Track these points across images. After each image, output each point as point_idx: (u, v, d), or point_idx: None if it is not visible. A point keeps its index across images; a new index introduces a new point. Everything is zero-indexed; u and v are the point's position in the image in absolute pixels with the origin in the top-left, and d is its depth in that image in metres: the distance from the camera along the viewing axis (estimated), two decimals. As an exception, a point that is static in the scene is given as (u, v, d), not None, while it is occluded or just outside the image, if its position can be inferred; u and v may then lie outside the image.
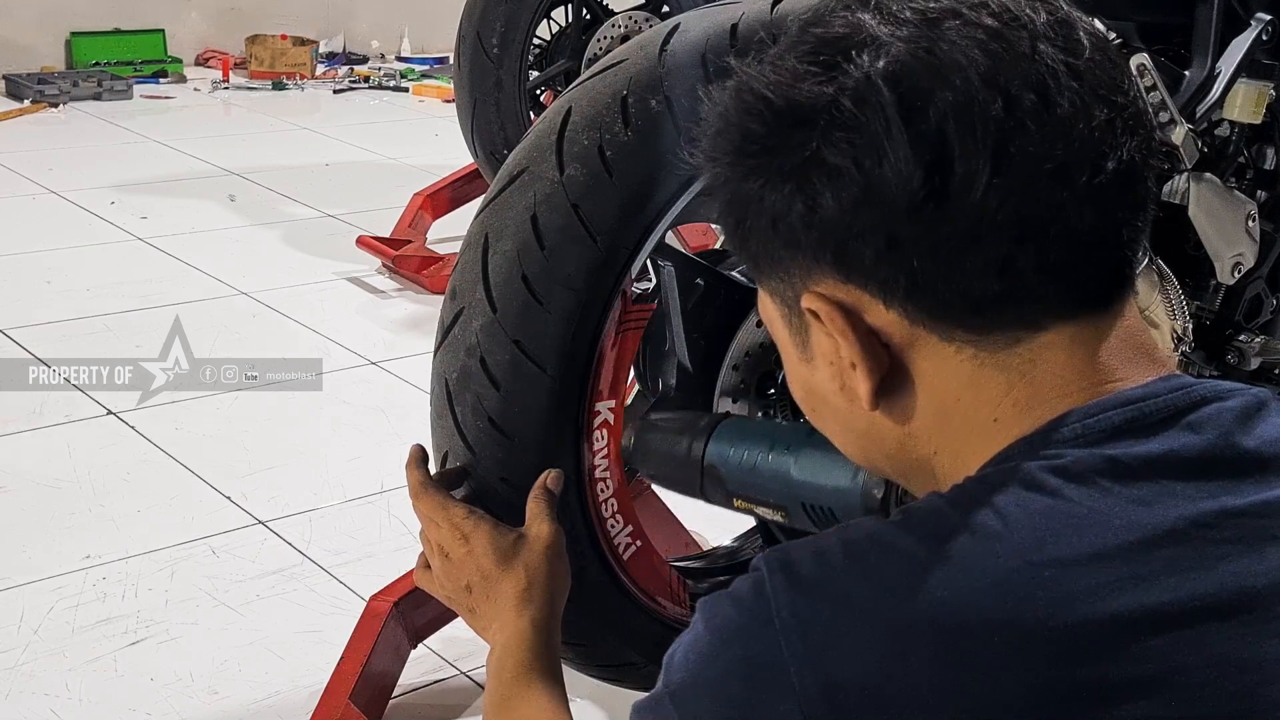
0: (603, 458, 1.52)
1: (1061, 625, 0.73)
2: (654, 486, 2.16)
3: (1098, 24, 0.82)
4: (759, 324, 1.62)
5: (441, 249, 3.86)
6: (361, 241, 3.84)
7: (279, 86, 6.28)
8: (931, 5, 0.80)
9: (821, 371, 0.87)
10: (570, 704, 1.27)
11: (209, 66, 6.53)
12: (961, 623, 0.73)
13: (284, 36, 6.50)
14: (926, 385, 0.83)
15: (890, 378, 0.84)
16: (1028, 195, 0.77)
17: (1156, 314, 1.71)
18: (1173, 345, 1.74)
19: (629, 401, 1.62)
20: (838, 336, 0.83)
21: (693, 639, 0.82)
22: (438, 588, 1.38)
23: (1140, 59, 1.71)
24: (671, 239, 1.62)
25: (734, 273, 1.66)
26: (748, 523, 1.88)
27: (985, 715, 0.73)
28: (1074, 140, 0.78)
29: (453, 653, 2.05)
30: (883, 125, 0.77)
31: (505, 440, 1.45)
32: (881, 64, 0.78)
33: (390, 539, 2.36)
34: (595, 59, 3.83)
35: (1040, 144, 0.77)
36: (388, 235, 3.90)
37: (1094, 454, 0.78)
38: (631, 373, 1.60)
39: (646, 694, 0.85)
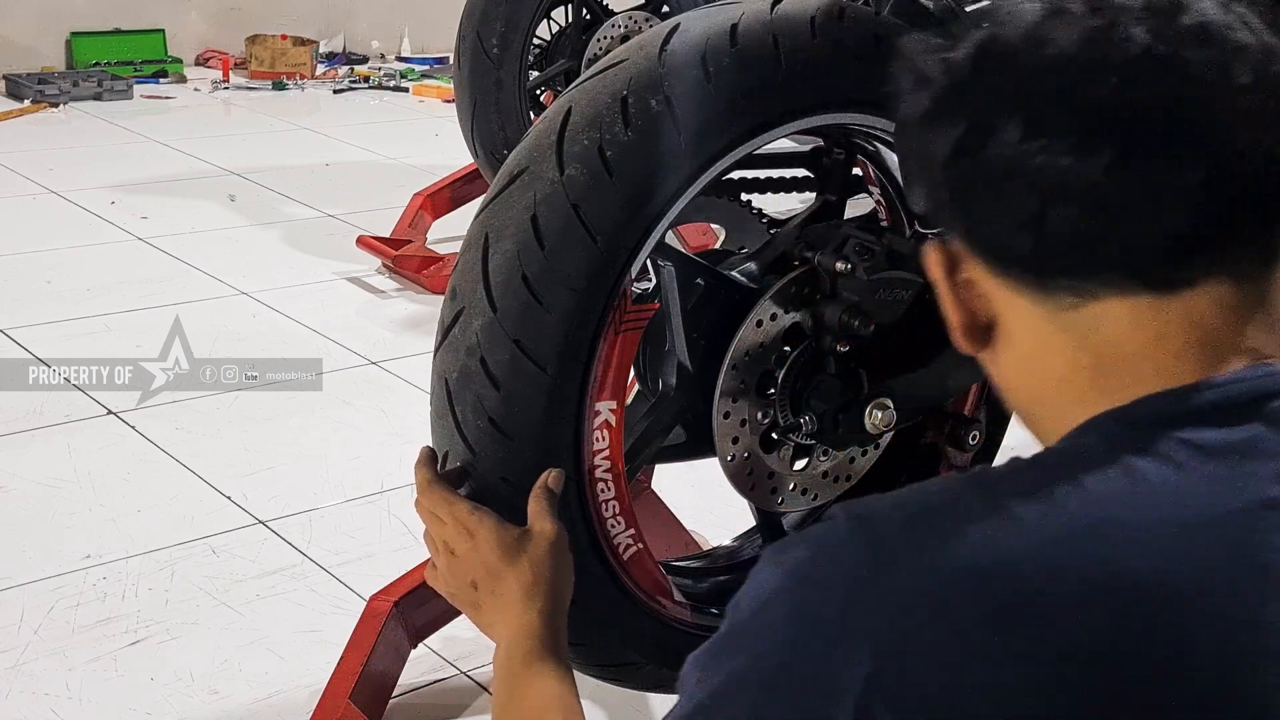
0: (603, 458, 1.52)
1: (1117, 583, 0.75)
2: (653, 486, 2.16)
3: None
4: (759, 324, 1.62)
5: (441, 249, 3.86)
6: (361, 241, 3.84)
7: (279, 86, 6.28)
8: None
9: (950, 324, 0.94)
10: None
11: (209, 66, 6.53)
12: (1023, 575, 0.76)
13: (284, 36, 6.50)
14: (1012, 336, 0.88)
15: (990, 330, 0.90)
16: (1051, 162, 0.80)
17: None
18: None
19: (629, 401, 1.62)
20: (934, 280, 0.91)
21: (761, 580, 0.84)
22: (443, 585, 1.38)
23: None
24: (671, 239, 1.62)
25: (734, 273, 1.66)
26: (748, 522, 1.88)
27: (1040, 666, 0.74)
28: (1115, 114, 0.79)
29: (453, 653, 2.05)
30: (945, 92, 0.85)
31: (505, 440, 1.45)
32: (974, 42, 0.85)
33: (390, 539, 2.36)
34: (595, 59, 3.83)
35: (1074, 115, 0.80)
36: (388, 235, 3.90)
37: (1170, 435, 0.79)
38: (631, 373, 1.60)
39: (705, 642, 0.86)
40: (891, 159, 1.71)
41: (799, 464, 1.74)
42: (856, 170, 1.80)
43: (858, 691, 0.76)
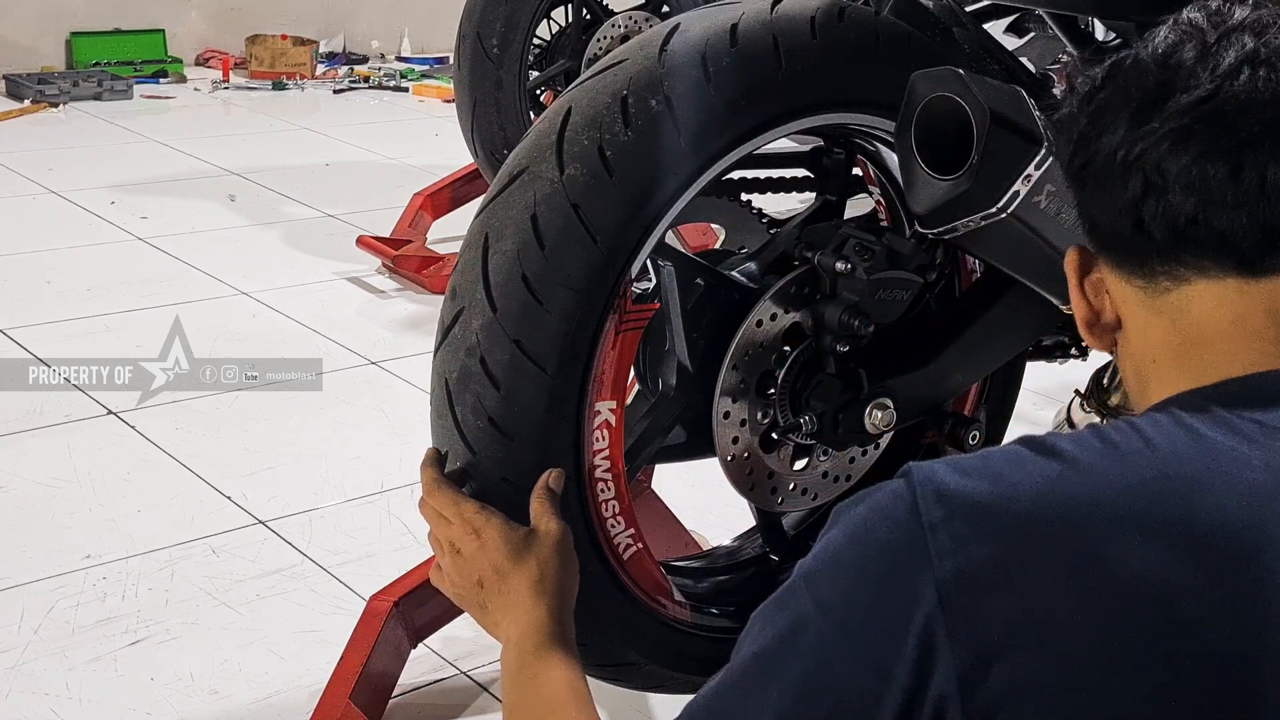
0: (603, 458, 1.52)
1: (1186, 527, 0.79)
2: (653, 486, 2.16)
3: None
4: (759, 324, 1.62)
5: (441, 249, 3.86)
6: (361, 241, 3.84)
7: (279, 86, 6.28)
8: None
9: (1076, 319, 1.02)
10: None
11: (209, 66, 6.53)
12: (1092, 517, 0.80)
13: (284, 36, 6.50)
14: (1126, 325, 0.96)
15: (1118, 326, 0.97)
16: (1152, 150, 0.88)
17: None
18: None
19: (629, 401, 1.62)
20: (1068, 279, 0.99)
21: (829, 534, 0.89)
22: (448, 585, 1.39)
23: None
24: (671, 239, 1.62)
25: (734, 273, 1.66)
26: (748, 522, 1.88)
27: (1110, 604, 0.78)
28: (1215, 108, 0.87)
29: (453, 653, 2.06)
30: (1080, 97, 0.94)
31: (505, 440, 1.45)
32: (1127, 53, 0.93)
33: (390, 539, 2.36)
34: (595, 59, 3.83)
35: (1176, 107, 0.87)
36: (388, 235, 3.90)
37: (1241, 414, 0.85)
38: (631, 373, 1.60)
39: (774, 593, 0.90)
40: (891, 159, 1.71)
41: (799, 464, 1.74)
42: (856, 170, 1.80)
43: (919, 629, 0.80)
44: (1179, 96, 0.87)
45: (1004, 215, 1.50)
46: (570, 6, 4.05)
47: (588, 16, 4.04)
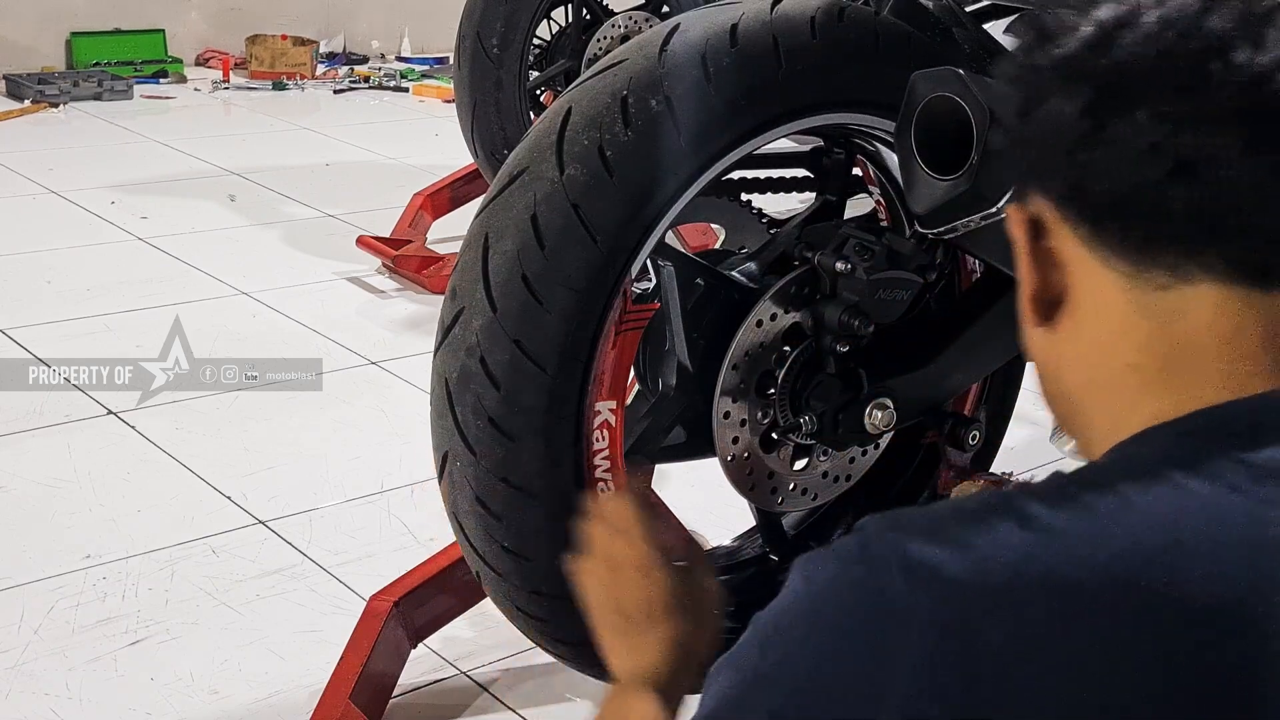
0: (603, 458, 1.52)
1: (1173, 595, 0.73)
2: (654, 486, 2.16)
3: None
4: (759, 324, 1.62)
5: (441, 249, 3.86)
6: (361, 241, 3.84)
7: (279, 86, 6.27)
8: None
9: (1021, 295, 0.91)
10: (569, 703, 1.25)
11: (209, 66, 6.53)
12: (1075, 588, 0.74)
13: (284, 37, 6.50)
14: (1085, 313, 0.86)
15: (1061, 303, 0.87)
16: (1191, 134, 0.79)
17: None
18: None
19: (629, 401, 1.62)
20: (1016, 241, 0.88)
21: (789, 591, 0.81)
22: (593, 593, 1.25)
23: None
24: (671, 239, 1.62)
25: (734, 273, 1.66)
26: (748, 522, 1.88)
27: (1091, 680, 0.73)
28: (1264, 96, 0.79)
29: (453, 653, 2.05)
30: (1083, 47, 0.83)
31: (505, 440, 1.45)
32: (1123, 8, 0.83)
33: (390, 539, 2.36)
34: (595, 59, 3.83)
35: (1226, 91, 0.79)
36: (388, 235, 3.90)
37: (1225, 454, 0.78)
38: (631, 373, 1.60)
39: (727, 652, 0.84)
40: (891, 159, 1.71)
41: (799, 464, 1.74)
42: (856, 170, 1.80)
43: (896, 698, 0.74)
44: (1226, 74, 0.79)
45: (1004, 215, 1.50)
46: (570, 6, 4.05)
47: (588, 16, 4.04)
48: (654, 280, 1.55)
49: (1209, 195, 0.79)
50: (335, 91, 6.35)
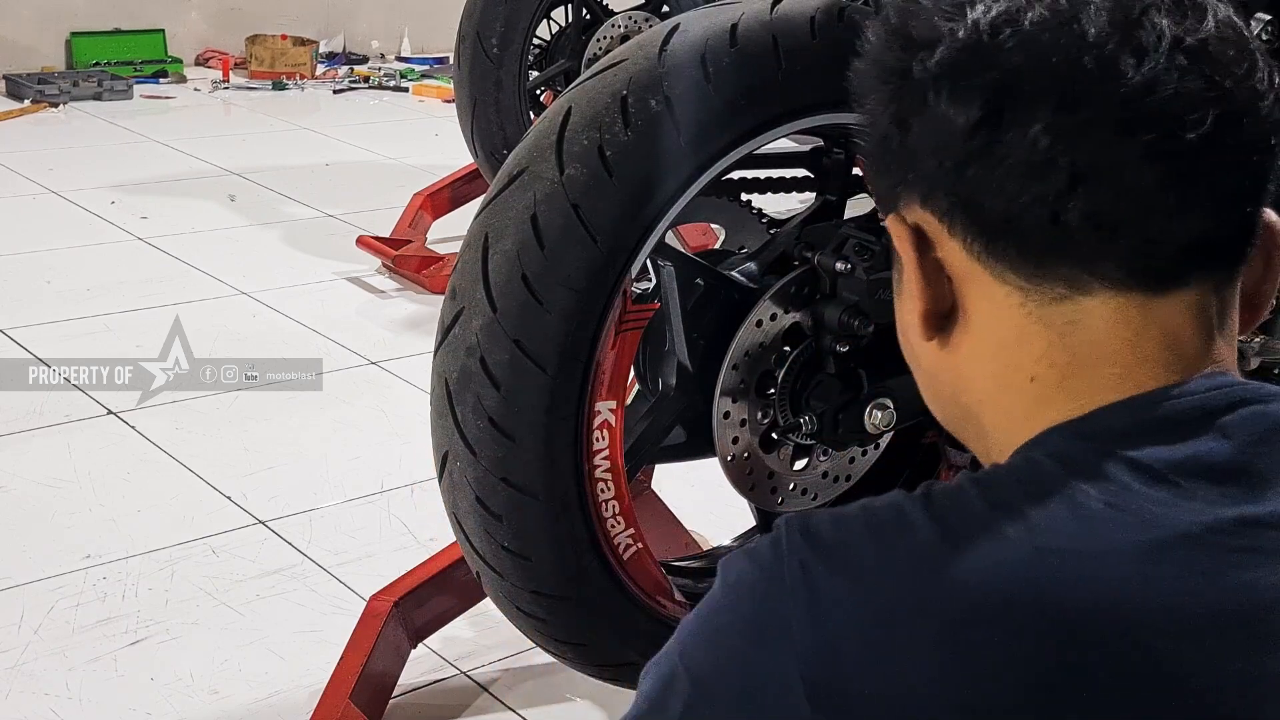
0: (603, 458, 1.52)
1: (1062, 609, 0.73)
2: (653, 486, 2.16)
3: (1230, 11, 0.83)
4: (759, 324, 1.62)
5: (441, 249, 3.86)
6: (361, 241, 3.84)
7: (279, 86, 6.27)
8: None
9: (904, 305, 0.89)
10: (570, 703, 1.26)
11: (209, 66, 6.53)
12: (963, 606, 0.74)
13: (284, 36, 6.50)
14: (979, 327, 0.85)
15: (952, 315, 0.86)
16: (1086, 143, 0.78)
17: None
18: None
19: (629, 401, 1.62)
20: (903, 254, 0.85)
21: (709, 594, 0.83)
22: None
23: None
24: (671, 239, 1.62)
25: (734, 273, 1.66)
26: (748, 522, 1.88)
27: (981, 700, 0.73)
28: (1154, 102, 0.77)
29: (453, 653, 2.05)
30: (963, 58, 0.80)
31: (505, 440, 1.45)
32: (995, 10, 0.81)
33: (390, 539, 2.36)
34: (595, 59, 3.83)
35: (1115, 98, 0.77)
36: (388, 235, 3.90)
37: (1118, 455, 0.78)
38: (631, 373, 1.60)
39: (659, 653, 0.85)
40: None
41: (799, 464, 1.74)
42: (856, 170, 1.80)
43: (792, 712, 0.75)
44: (1113, 83, 0.77)
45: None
46: (570, 6, 4.05)
47: (588, 16, 4.04)
48: (654, 280, 1.55)
49: (1107, 206, 0.78)
50: (335, 91, 6.35)
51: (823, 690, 0.75)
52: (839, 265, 1.61)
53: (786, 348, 1.65)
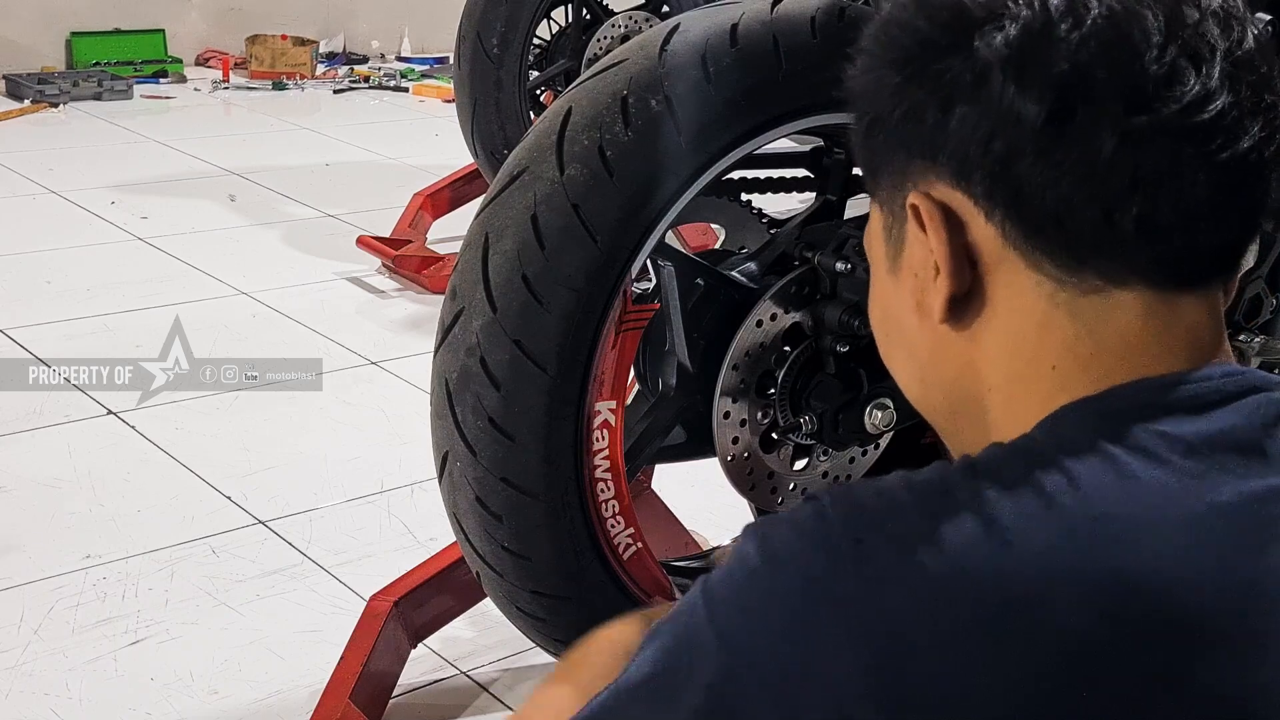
0: (603, 458, 1.52)
1: (1109, 576, 0.73)
2: (653, 486, 2.16)
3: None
4: (759, 324, 1.62)
5: (441, 249, 3.86)
6: (361, 241, 3.84)
7: (279, 86, 6.27)
8: None
9: (904, 286, 0.87)
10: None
11: (209, 66, 6.53)
12: (1008, 583, 0.74)
13: (284, 36, 6.50)
14: (1002, 313, 0.84)
15: (970, 300, 0.84)
16: (1150, 148, 0.78)
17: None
18: None
19: (629, 401, 1.62)
20: (932, 235, 0.83)
21: (738, 560, 0.80)
22: None
23: None
24: (671, 239, 1.62)
25: (734, 273, 1.66)
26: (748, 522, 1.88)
27: (1037, 670, 0.73)
28: (1213, 112, 0.78)
29: (453, 653, 2.05)
30: (1031, 45, 0.79)
31: (505, 440, 1.45)
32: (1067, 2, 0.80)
33: (390, 539, 2.36)
34: (595, 59, 3.83)
35: (1179, 104, 0.78)
36: (388, 235, 3.90)
37: (1149, 428, 0.78)
38: (631, 373, 1.60)
39: (671, 609, 0.82)
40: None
41: (799, 464, 1.74)
42: (856, 170, 1.80)
43: (841, 687, 0.74)
44: (1179, 89, 0.77)
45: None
46: (570, 6, 4.05)
47: (588, 16, 4.04)
48: (654, 280, 1.55)
49: (1161, 211, 0.79)
50: (335, 91, 6.35)
51: (886, 674, 0.73)
52: (839, 265, 1.61)
53: (787, 348, 1.65)
